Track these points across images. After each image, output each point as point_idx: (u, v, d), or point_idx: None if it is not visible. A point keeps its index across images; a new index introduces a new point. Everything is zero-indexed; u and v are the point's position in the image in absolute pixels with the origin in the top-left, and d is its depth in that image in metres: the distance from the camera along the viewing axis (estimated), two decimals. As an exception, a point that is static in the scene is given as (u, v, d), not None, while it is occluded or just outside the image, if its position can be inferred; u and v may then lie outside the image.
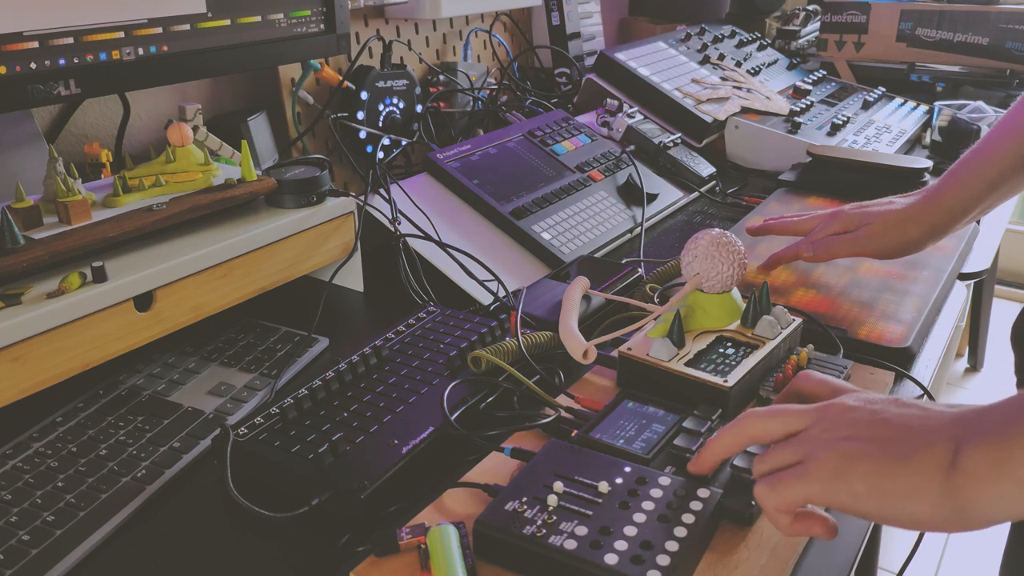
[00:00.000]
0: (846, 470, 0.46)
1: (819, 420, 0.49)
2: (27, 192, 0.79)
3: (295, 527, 0.60)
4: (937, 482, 0.43)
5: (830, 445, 0.47)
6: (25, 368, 0.66)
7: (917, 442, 0.45)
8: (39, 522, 0.60)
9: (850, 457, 0.46)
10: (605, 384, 0.75)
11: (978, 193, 0.86)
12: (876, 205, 0.89)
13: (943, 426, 0.45)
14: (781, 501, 0.49)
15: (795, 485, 0.48)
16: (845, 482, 0.46)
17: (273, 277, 0.86)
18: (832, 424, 0.48)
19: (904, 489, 0.44)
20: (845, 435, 0.47)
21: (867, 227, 0.87)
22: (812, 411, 0.50)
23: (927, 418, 0.46)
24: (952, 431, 0.44)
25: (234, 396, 0.75)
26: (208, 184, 0.86)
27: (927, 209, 0.87)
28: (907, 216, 0.87)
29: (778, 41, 1.91)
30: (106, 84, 0.83)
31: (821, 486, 0.47)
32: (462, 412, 0.69)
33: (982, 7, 1.66)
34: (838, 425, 0.48)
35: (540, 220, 1.05)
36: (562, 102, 1.49)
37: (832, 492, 0.47)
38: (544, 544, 0.52)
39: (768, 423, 0.52)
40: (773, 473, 0.50)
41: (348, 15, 1.03)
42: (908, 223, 0.87)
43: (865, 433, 0.46)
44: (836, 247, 0.89)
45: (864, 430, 0.47)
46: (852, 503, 0.46)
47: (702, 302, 0.76)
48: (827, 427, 0.48)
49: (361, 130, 1.19)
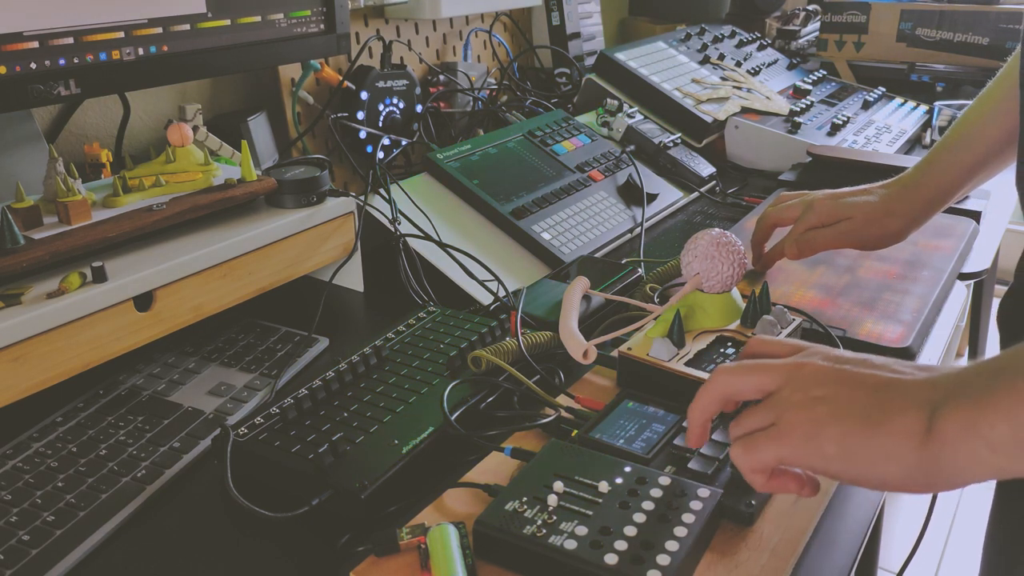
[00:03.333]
0: (817, 433, 0.46)
1: (791, 380, 0.49)
2: (27, 192, 0.79)
3: (295, 527, 0.60)
4: (911, 448, 0.44)
5: (802, 407, 0.47)
6: (25, 368, 0.66)
7: (890, 407, 0.45)
8: (39, 522, 0.60)
9: (821, 420, 0.46)
10: (605, 384, 0.75)
11: (957, 179, 0.85)
12: (852, 195, 0.88)
13: (918, 390, 0.45)
14: (755, 462, 0.50)
15: (768, 447, 0.49)
16: (816, 444, 0.46)
17: (273, 277, 0.86)
18: (804, 385, 0.48)
19: (876, 453, 0.45)
20: (817, 396, 0.47)
21: (847, 221, 0.86)
22: (783, 370, 0.50)
23: (900, 382, 0.46)
24: (927, 395, 0.44)
25: (234, 396, 0.75)
26: (208, 184, 0.86)
27: (906, 199, 0.86)
28: (887, 209, 0.86)
29: (778, 41, 1.91)
30: (106, 84, 0.83)
31: (792, 448, 0.48)
32: (462, 412, 0.69)
33: (982, 7, 1.66)
34: (809, 386, 0.48)
35: (540, 220, 1.05)
36: (562, 102, 1.49)
37: (803, 454, 0.47)
38: (544, 544, 0.52)
39: (740, 381, 0.52)
40: (748, 435, 0.50)
41: (348, 15, 1.03)
42: (888, 216, 0.86)
43: (837, 395, 0.46)
44: (817, 242, 0.88)
45: (836, 392, 0.47)
46: (822, 465, 0.47)
47: (702, 302, 0.76)
48: (799, 387, 0.48)
49: (361, 130, 1.19)
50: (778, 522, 0.58)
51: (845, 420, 0.46)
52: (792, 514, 0.59)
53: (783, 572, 0.54)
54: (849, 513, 0.62)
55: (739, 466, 0.51)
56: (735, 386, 0.52)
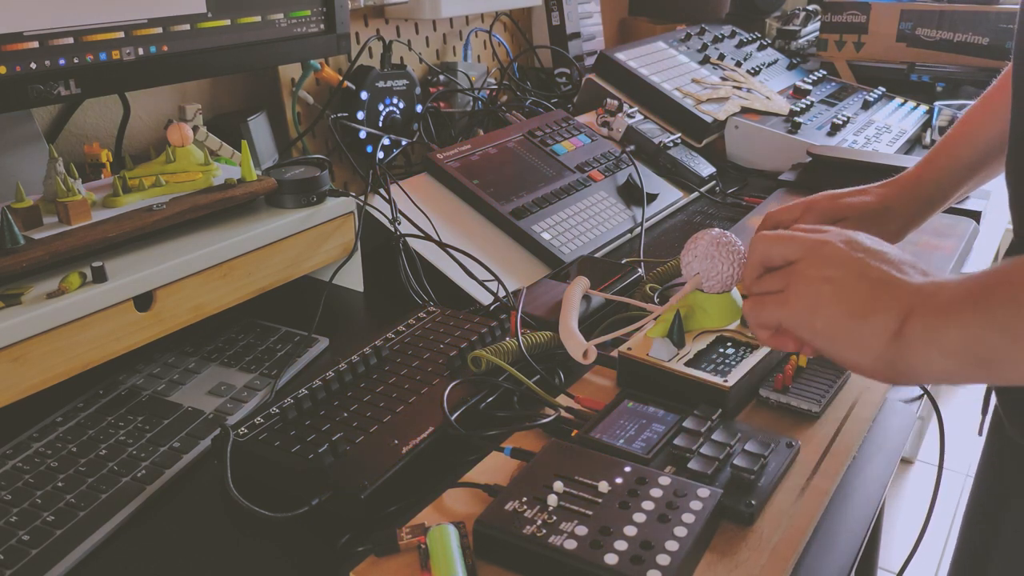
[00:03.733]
0: (815, 310, 0.52)
1: (809, 255, 0.55)
2: (27, 192, 0.79)
3: (295, 527, 0.60)
4: (880, 343, 0.49)
5: (811, 282, 0.53)
6: (25, 368, 0.66)
7: (877, 303, 0.50)
8: (39, 522, 0.60)
9: (821, 299, 0.52)
10: (605, 384, 0.75)
11: (957, 178, 0.85)
12: (849, 196, 0.88)
13: (904, 294, 0.49)
14: (761, 319, 0.57)
15: (774, 309, 0.55)
16: (810, 319, 0.53)
17: (273, 277, 0.86)
18: (819, 263, 0.53)
19: (853, 341, 0.51)
20: (826, 275, 0.52)
21: (846, 221, 0.86)
22: (807, 245, 0.55)
23: (897, 282, 0.50)
24: (909, 300, 0.49)
25: (234, 396, 0.75)
26: (208, 184, 0.86)
27: (905, 199, 0.86)
28: (885, 208, 0.85)
29: (778, 41, 1.91)
30: (106, 84, 0.83)
31: (790, 315, 0.54)
32: (462, 412, 0.69)
33: (982, 7, 1.66)
34: (823, 265, 0.53)
35: (540, 220, 1.05)
36: (562, 102, 1.49)
37: (798, 323, 0.54)
38: (544, 544, 0.52)
39: (772, 248, 0.58)
40: (761, 294, 0.57)
41: (348, 15, 1.03)
42: (886, 215, 0.85)
43: (842, 280, 0.52)
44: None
45: (843, 277, 0.52)
46: (810, 337, 0.54)
47: (702, 302, 0.76)
48: (813, 264, 0.54)
49: (361, 130, 1.19)
50: (778, 522, 0.58)
51: (840, 305, 0.51)
52: (792, 514, 0.59)
53: (783, 572, 0.54)
54: (849, 513, 0.62)
55: (748, 319, 0.58)
56: (767, 253, 0.58)
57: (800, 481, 0.62)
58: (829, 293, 0.52)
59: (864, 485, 0.65)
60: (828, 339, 0.52)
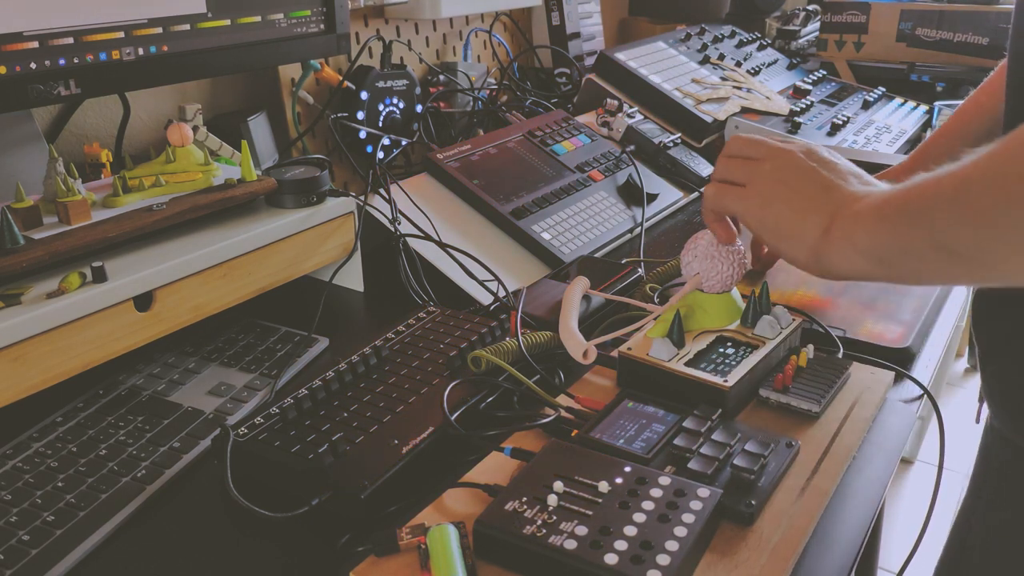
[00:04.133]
0: (767, 205, 0.60)
1: (772, 159, 0.62)
2: (27, 192, 0.79)
3: (295, 527, 0.60)
4: (811, 239, 0.57)
5: (768, 182, 0.61)
6: (25, 368, 0.66)
7: (816, 204, 0.57)
8: (39, 522, 0.60)
9: (775, 197, 0.59)
10: (605, 384, 0.75)
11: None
12: None
13: (838, 198, 0.56)
14: (719, 206, 0.65)
15: (732, 200, 0.63)
16: (762, 213, 0.60)
17: (273, 277, 0.86)
18: (779, 166, 0.61)
19: (793, 235, 0.58)
20: (782, 178, 0.60)
21: None
22: (772, 150, 0.63)
23: (839, 188, 0.57)
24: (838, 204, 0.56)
25: (234, 396, 0.75)
26: (208, 184, 0.86)
27: None
28: None
29: (778, 41, 1.91)
30: (106, 84, 0.83)
31: (745, 208, 0.62)
32: (462, 412, 0.69)
33: (982, 7, 1.66)
34: (783, 168, 0.60)
35: (540, 220, 1.05)
36: (562, 102, 1.49)
37: (750, 216, 0.62)
38: (544, 544, 0.52)
39: (745, 147, 0.65)
40: (723, 183, 0.65)
41: (348, 15, 1.03)
42: None
43: (796, 183, 0.59)
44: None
45: (795, 180, 0.59)
46: (759, 229, 0.62)
47: (702, 302, 0.76)
48: (776, 166, 0.61)
49: (361, 130, 1.19)
50: (778, 522, 0.58)
51: (788, 203, 0.59)
52: (792, 514, 0.59)
53: (783, 572, 0.54)
54: (849, 513, 0.62)
55: (706, 202, 0.66)
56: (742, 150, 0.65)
57: (800, 481, 0.62)
58: (782, 192, 0.59)
59: (864, 485, 0.65)
60: (774, 232, 0.60)
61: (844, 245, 0.55)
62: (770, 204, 0.60)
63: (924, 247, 0.51)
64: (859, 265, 0.55)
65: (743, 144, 0.66)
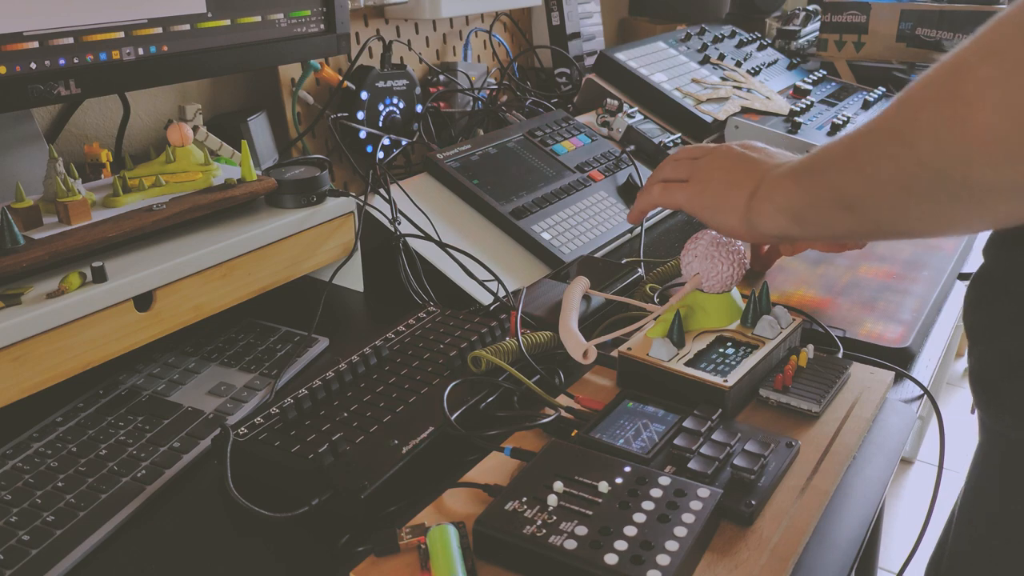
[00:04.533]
0: (705, 188, 0.68)
1: (710, 153, 0.71)
2: (27, 192, 0.79)
3: (295, 527, 0.60)
4: (741, 205, 0.64)
5: (706, 170, 0.69)
6: (25, 368, 0.66)
7: (744, 177, 0.64)
8: (39, 522, 0.60)
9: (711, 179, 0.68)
10: (605, 384, 0.75)
11: None
12: None
13: (763, 169, 0.63)
14: (668, 201, 0.73)
15: (679, 193, 0.72)
16: (700, 196, 0.68)
17: (273, 277, 0.86)
18: (716, 156, 0.69)
19: (726, 206, 0.66)
20: (719, 165, 0.68)
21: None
22: (711, 148, 0.72)
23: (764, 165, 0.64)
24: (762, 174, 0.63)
25: (234, 396, 0.75)
26: (208, 184, 0.86)
27: None
28: None
29: (778, 41, 1.90)
30: (106, 84, 0.83)
31: (689, 196, 0.70)
32: (462, 412, 0.69)
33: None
34: (719, 158, 0.69)
35: (540, 220, 1.05)
36: (562, 102, 1.49)
37: (692, 201, 0.70)
38: (544, 544, 0.52)
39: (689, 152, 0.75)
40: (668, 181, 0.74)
41: (348, 15, 1.03)
42: None
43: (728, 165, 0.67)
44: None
45: (728, 163, 0.67)
46: (699, 210, 0.70)
47: (702, 302, 0.76)
48: (712, 157, 0.70)
49: (361, 130, 1.19)
50: (778, 522, 0.58)
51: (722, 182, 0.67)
52: (792, 514, 0.59)
53: (783, 572, 0.54)
54: (849, 513, 0.62)
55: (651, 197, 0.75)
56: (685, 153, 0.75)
57: (800, 481, 0.62)
58: (717, 175, 0.67)
59: (864, 485, 0.65)
60: (712, 209, 0.67)
61: (766, 205, 0.62)
62: (707, 186, 0.68)
63: (827, 202, 0.57)
64: (780, 222, 0.62)
65: (686, 149, 0.76)
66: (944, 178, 0.46)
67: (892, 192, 0.51)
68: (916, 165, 0.48)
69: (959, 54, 0.44)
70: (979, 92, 0.42)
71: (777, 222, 0.62)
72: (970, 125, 0.42)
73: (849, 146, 0.54)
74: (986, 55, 0.42)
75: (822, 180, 0.57)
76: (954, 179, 0.46)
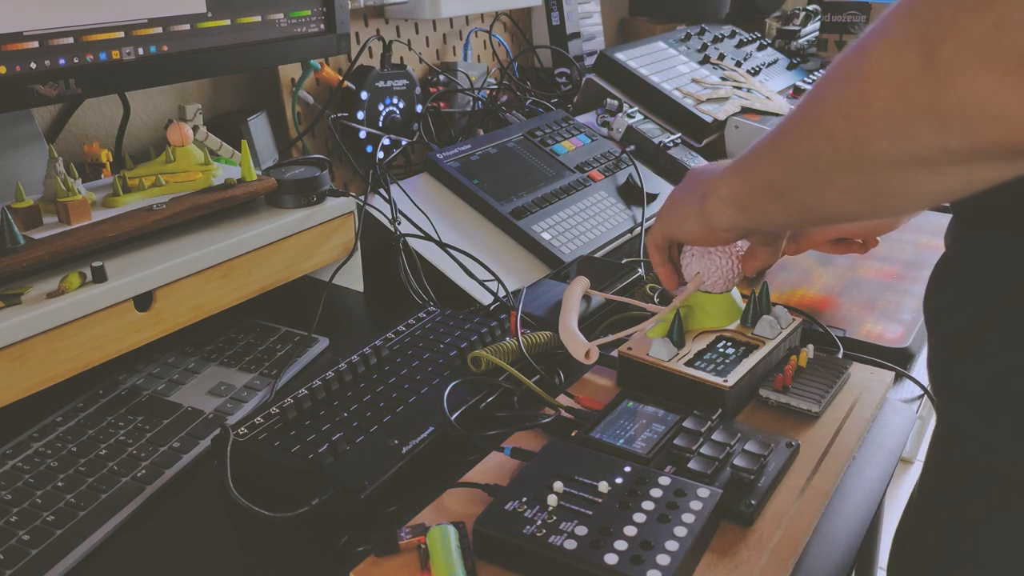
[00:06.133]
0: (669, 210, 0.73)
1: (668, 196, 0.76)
2: (27, 192, 0.79)
3: (295, 527, 0.60)
4: (696, 209, 0.67)
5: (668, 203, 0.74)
6: (25, 368, 0.66)
7: (697, 186, 0.68)
8: (39, 522, 0.60)
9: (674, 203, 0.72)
10: (605, 384, 0.75)
11: None
12: None
13: (711, 180, 0.65)
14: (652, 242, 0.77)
15: (654, 228, 0.76)
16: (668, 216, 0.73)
17: (273, 277, 0.86)
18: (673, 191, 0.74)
19: (686, 214, 0.69)
20: (675, 195, 0.73)
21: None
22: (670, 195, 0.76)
23: (711, 171, 0.67)
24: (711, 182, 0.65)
25: (234, 396, 0.75)
26: (208, 184, 0.86)
27: None
28: None
29: (778, 41, 1.90)
30: (106, 84, 0.83)
31: (663, 224, 0.74)
32: (462, 412, 0.69)
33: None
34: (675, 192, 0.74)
35: (540, 220, 1.05)
36: (562, 102, 1.49)
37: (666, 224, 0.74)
38: (544, 544, 0.52)
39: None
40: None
41: (348, 15, 1.03)
42: None
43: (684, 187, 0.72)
44: (813, 235, 0.88)
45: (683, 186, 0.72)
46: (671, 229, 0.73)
47: (702, 302, 0.76)
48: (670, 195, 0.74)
49: (361, 130, 1.19)
50: (778, 522, 0.58)
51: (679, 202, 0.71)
52: (792, 514, 0.59)
53: (783, 572, 0.54)
54: (849, 513, 0.62)
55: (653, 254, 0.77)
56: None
57: (800, 481, 0.62)
58: (677, 196, 0.72)
59: (864, 485, 0.65)
60: (677, 222, 0.71)
61: (715, 200, 0.64)
62: (671, 206, 0.73)
63: (762, 190, 0.59)
64: (729, 215, 0.64)
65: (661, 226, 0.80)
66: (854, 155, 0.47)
67: (810, 174, 0.52)
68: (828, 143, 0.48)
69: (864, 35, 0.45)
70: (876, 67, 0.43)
71: (727, 215, 0.64)
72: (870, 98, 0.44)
73: (775, 133, 0.56)
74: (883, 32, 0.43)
75: (756, 168, 0.59)
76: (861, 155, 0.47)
